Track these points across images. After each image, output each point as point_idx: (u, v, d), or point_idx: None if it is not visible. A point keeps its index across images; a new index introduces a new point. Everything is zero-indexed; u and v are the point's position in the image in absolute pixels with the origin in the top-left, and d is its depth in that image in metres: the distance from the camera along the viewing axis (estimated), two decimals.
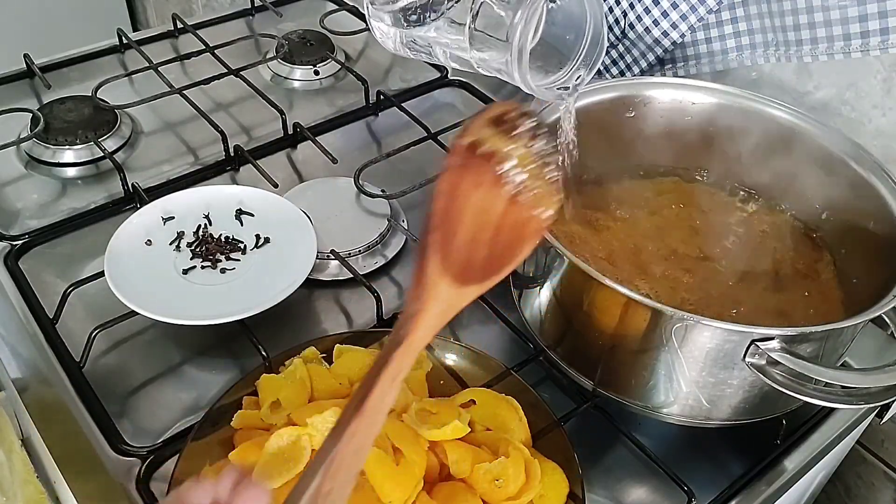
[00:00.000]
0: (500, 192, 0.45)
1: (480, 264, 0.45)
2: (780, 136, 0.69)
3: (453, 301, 0.44)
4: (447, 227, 0.44)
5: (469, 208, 0.45)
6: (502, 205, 0.45)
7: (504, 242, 0.45)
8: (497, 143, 0.46)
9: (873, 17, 0.67)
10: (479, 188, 0.45)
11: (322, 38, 1.03)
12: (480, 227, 0.45)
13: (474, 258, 0.45)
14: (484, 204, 0.45)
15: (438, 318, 0.43)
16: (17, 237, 0.77)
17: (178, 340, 0.69)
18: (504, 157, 0.45)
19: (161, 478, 0.59)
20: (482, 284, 0.45)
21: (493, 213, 0.45)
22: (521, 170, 0.46)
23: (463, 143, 0.45)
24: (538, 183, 0.46)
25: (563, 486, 0.55)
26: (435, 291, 0.43)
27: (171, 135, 0.91)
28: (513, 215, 0.46)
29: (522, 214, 0.46)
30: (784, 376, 0.52)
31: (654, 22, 0.78)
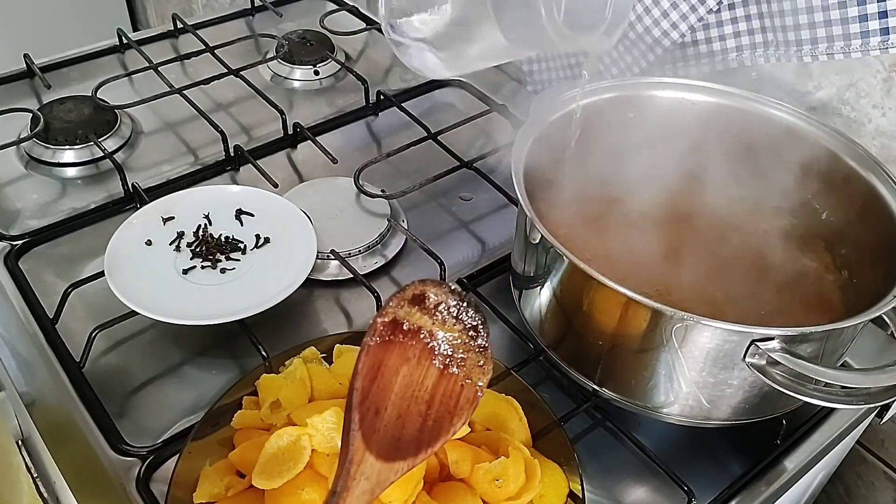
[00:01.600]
0: (430, 366, 0.47)
1: (412, 437, 0.46)
2: (780, 136, 0.69)
3: (383, 477, 0.44)
4: (372, 405, 0.45)
5: (397, 385, 0.46)
6: (433, 378, 0.47)
7: (436, 415, 0.46)
8: (422, 320, 0.47)
9: (873, 17, 0.67)
10: (407, 364, 0.46)
11: (322, 38, 1.03)
12: (410, 402, 0.46)
13: (405, 433, 0.45)
14: (413, 379, 0.46)
15: (366, 496, 0.44)
16: (17, 237, 0.77)
17: (178, 340, 0.69)
18: (432, 332, 0.47)
19: (161, 478, 0.59)
20: (415, 458, 0.45)
21: (424, 388, 0.46)
22: (450, 341, 0.47)
23: (385, 321, 0.46)
24: (468, 354, 0.47)
25: (563, 486, 0.55)
26: (361, 469, 0.44)
27: (171, 135, 0.91)
28: (444, 387, 0.47)
29: (454, 385, 0.47)
30: (784, 376, 0.52)
31: (654, 22, 0.78)
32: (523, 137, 0.64)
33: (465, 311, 0.48)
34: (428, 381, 0.47)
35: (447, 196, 0.85)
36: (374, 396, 0.45)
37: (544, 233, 0.56)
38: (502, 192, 0.81)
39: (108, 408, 0.64)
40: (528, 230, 0.61)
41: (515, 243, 0.67)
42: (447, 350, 0.48)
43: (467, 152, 0.87)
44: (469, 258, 0.79)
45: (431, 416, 0.46)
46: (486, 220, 0.83)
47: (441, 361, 0.47)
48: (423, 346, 0.47)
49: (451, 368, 0.47)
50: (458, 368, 0.48)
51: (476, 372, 0.48)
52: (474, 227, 0.82)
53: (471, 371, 0.48)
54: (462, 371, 0.47)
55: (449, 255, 0.75)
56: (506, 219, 0.83)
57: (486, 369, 0.48)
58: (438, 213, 0.84)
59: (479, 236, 0.81)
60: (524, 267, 0.65)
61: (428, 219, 0.82)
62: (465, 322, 0.48)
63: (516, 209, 0.68)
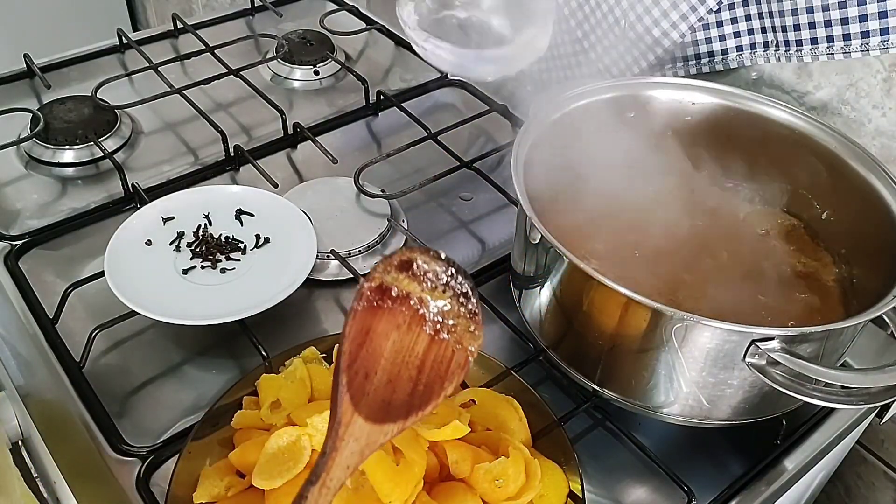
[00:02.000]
0: (420, 332, 0.47)
1: (402, 401, 0.46)
2: (780, 136, 0.69)
3: (372, 438, 0.45)
4: (361, 368, 0.45)
5: (387, 350, 0.46)
6: (423, 344, 0.47)
7: (427, 379, 0.47)
8: (411, 286, 0.47)
9: (873, 17, 0.67)
10: (397, 330, 0.47)
11: (322, 38, 1.03)
12: (401, 367, 0.46)
13: (395, 397, 0.46)
14: (403, 345, 0.47)
15: (356, 456, 0.44)
16: (17, 237, 0.77)
17: (178, 340, 0.69)
18: (422, 298, 0.47)
19: (161, 478, 0.59)
20: (405, 421, 0.46)
21: (414, 353, 0.47)
22: (440, 308, 0.48)
23: (372, 286, 0.47)
24: (458, 320, 0.48)
25: (563, 486, 0.55)
26: (350, 430, 0.44)
27: (171, 135, 0.91)
28: (434, 352, 0.47)
29: (445, 351, 0.47)
30: (784, 376, 0.52)
31: (654, 22, 0.78)
32: (523, 137, 0.64)
33: (453, 277, 0.48)
34: (419, 347, 0.47)
35: (447, 196, 0.85)
36: (363, 360, 0.46)
37: (544, 233, 0.56)
38: (502, 192, 0.81)
39: (108, 408, 0.64)
40: (528, 230, 0.61)
41: (515, 243, 0.67)
42: (437, 316, 0.48)
43: (467, 152, 0.87)
44: (469, 258, 0.79)
45: (422, 381, 0.46)
46: (486, 220, 0.83)
47: (431, 327, 0.47)
48: (414, 312, 0.47)
49: (442, 334, 0.47)
50: (448, 334, 0.48)
51: (467, 337, 0.48)
52: (474, 227, 0.82)
53: (461, 336, 0.48)
54: (453, 336, 0.48)
55: (449, 255, 0.75)
56: (506, 219, 0.83)
57: (476, 334, 0.48)
58: (438, 213, 0.84)
59: (479, 236, 0.81)
60: (524, 267, 0.65)
61: (428, 219, 0.82)
62: (455, 288, 0.48)
63: (516, 209, 0.68)
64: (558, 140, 0.68)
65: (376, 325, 0.47)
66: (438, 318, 0.48)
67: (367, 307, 0.47)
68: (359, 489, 0.51)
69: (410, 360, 0.47)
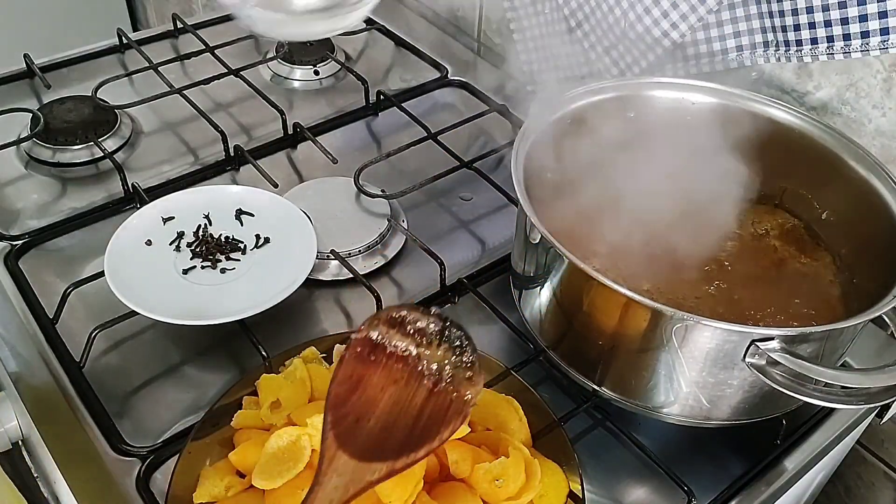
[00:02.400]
0: (419, 386, 0.49)
1: (396, 444, 0.47)
2: (780, 136, 0.69)
3: (358, 475, 0.46)
4: (352, 412, 0.48)
5: (384, 402, 0.48)
6: (422, 396, 0.49)
7: (424, 425, 0.48)
8: (404, 342, 0.50)
9: (873, 17, 0.67)
10: (395, 385, 0.49)
11: (322, 38, 1.03)
12: (398, 417, 0.48)
13: (389, 441, 0.47)
14: (401, 397, 0.49)
15: (339, 490, 0.45)
16: (17, 237, 0.77)
17: (178, 340, 0.69)
18: (419, 355, 0.50)
19: (161, 478, 0.59)
20: (395, 462, 0.47)
21: (413, 405, 0.49)
22: (438, 361, 0.50)
23: (359, 337, 0.49)
24: (456, 370, 0.50)
25: (563, 486, 0.55)
26: (333, 465, 0.46)
27: (171, 135, 0.91)
28: (433, 403, 0.49)
29: (443, 400, 0.49)
30: (784, 376, 0.52)
31: (654, 22, 0.78)
32: (523, 137, 0.64)
33: (447, 330, 0.51)
34: (417, 399, 0.49)
35: (447, 196, 0.85)
36: (353, 405, 0.48)
37: (544, 233, 0.56)
38: (502, 192, 0.81)
39: (108, 408, 0.64)
40: (528, 230, 0.61)
41: (515, 243, 0.67)
42: (434, 370, 0.50)
43: (467, 152, 0.87)
44: (469, 258, 0.79)
45: (419, 426, 0.48)
46: (486, 220, 0.83)
47: (430, 380, 0.49)
48: (412, 369, 0.49)
49: (440, 385, 0.49)
50: (446, 384, 0.49)
51: (465, 385, 0.49)
52: (474, 227, 0.82)
53: (459, 385, 0.49)
54: (451, 386, 0.49)
55: (449, 255, 0.75)
56: (506, 219, 0.83)
57: (475, 380, 0.50)
58: (438, 213, 0.84)
59: (479, 236, 0.81)
60: (524, 267, 0.65)
61: (428, 219, 0.82)
62: (451, 341, 0.50)
63: (516, 209, 0.68)
64: (558, 140, 0.68)
65: (371, 377, 0.49)
66: (435, 370, 0.50)
67: (357, 356, 0.49)
68: None
69: (409, 410, 0.48)
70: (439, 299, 0.73)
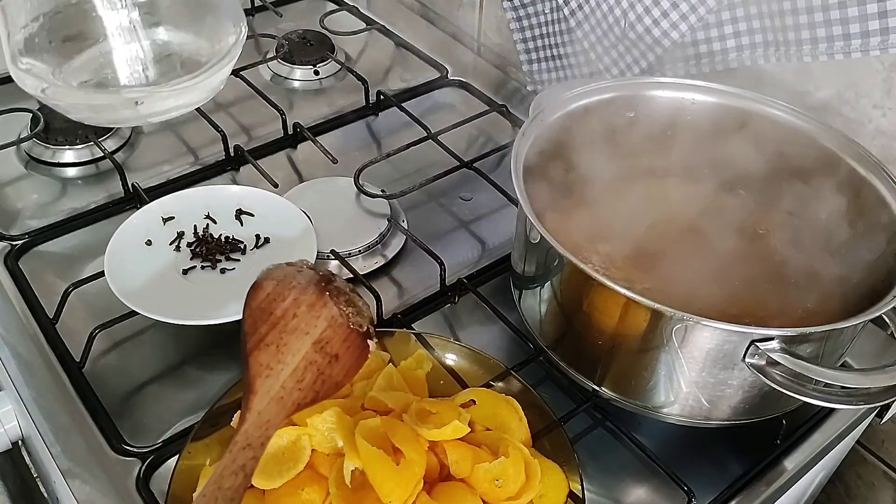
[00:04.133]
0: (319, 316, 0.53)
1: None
2: (780, 136, 0.69)
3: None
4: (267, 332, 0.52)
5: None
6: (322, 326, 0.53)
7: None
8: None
9: (873, 17, 0.67)
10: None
11: (322, 38, 1.03)
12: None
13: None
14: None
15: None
16: (17, 237, 0.77)
17: (178, 340, 0.69)
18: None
19: (161, 478, 0.59)
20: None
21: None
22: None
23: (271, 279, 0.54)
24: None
25: (563, 486, 0.55)
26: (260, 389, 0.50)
27: (171, 135, 0.91)
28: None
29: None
30: (784, 377, 0.52)
31: (654, 22, 0.78)
32: (523, 137, 0.64)
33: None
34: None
35: (447, 196, 0.85)
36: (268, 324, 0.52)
37: (544, 233, 0.56)
38: (502, 192, 0.81)
39: (108, 408, 0.64)
40: (528, 230, 0.61)
41: (515, 243, 0.67)
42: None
43: (467, 152, 0.87)
44: (469, 258, 0.79)
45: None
46: (486, 220, 0.83)
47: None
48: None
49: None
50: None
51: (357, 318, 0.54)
52: (474, 227, 0.82)
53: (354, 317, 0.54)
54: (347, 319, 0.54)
55: (449, 255, 0.75)
56: (506, 219, 0.83)
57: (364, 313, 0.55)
58: (438, 213, 0.84)
59: (479, 236, 0.81)
60: (524, 267, 0.65)
61: (428, 219, 0.82)
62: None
63: (516, 209, 0.68)
64: (558, 140, 0.68)
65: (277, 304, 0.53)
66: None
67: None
68: (359, 489, 0.51)
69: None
70: (439, 299, 0.73)
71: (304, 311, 0.52)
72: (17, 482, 0.89)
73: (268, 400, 0.49)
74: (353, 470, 0.52)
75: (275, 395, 0.49)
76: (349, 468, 0.52)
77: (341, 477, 0.52)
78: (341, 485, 0.51)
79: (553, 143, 0.67)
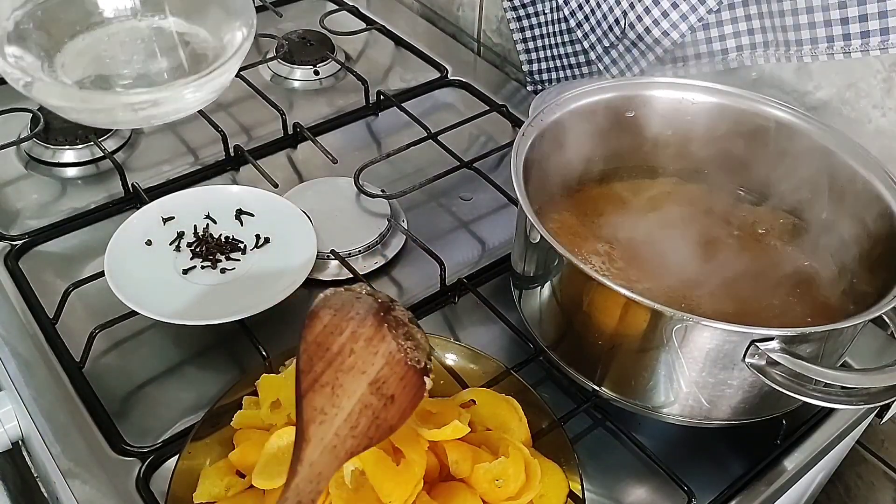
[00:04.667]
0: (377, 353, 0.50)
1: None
2: (780, 136, 0.69)
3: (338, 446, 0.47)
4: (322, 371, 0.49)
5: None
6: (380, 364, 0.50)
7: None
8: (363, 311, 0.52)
9: (873, 17, 0.67)
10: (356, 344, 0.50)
11: (322, 38, 1.03)
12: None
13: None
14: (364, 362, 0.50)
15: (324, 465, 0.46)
16: (17, 237, 0.77)
17: (178, 340, 0.69)
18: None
19: (161, 478, 0.59)
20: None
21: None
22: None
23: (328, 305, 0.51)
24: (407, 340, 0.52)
25: (563, 486, 0.55)
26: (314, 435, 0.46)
27: (171, 135, 0.91)
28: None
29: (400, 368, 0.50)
30: (784, 377, 0.52)
31: (654, 22, 0.78)
32: (523, 137, 0.64)
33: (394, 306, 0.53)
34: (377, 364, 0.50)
35: (447, 196, 0.85)
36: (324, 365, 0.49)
37: (544, 233, 0.56)
38: (502, 192, 0.81)
39: (108, 408, 0.64)
40: (528, 230, 0.61)
41: (515, 243, 0.67)
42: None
43: (467, 152, 0.87)
44: (469, 258, 0.79)
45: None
46: (486, 220, 0.83)
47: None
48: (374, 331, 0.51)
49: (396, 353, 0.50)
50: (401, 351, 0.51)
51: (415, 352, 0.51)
52: (474, 227, 0.82)
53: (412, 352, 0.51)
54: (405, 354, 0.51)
55: (449, 255, 0.75)
56: (506, 219, 0.83)
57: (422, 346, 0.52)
58: (438, 213, 0.84)
59: (479, 236, 0.81)
60: (524, 267, 0.65)
61: (428, 219, 0.82)
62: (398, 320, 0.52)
63: (516, 209, 0.68)
64: (558, 140, 0.68)
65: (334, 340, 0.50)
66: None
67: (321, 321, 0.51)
68: (359, 489, 0.51)
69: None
70: (439, 299, 0.73)
71: (362, 347, 0.48)
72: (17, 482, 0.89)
73: (321, 449, 0.45)
74: (352, 470, 0.52)
75: (328, 444, 0.45)
76: (349, 468, 0.51)
77: (341, 477, 0.52)
78: (341, 485, 0.51)
79: (553, 144, 0.67)
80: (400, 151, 0.85)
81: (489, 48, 1.09)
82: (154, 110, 0.65)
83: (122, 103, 0.66)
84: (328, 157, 0.83)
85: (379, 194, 0.80)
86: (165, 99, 0.65)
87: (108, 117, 0.67)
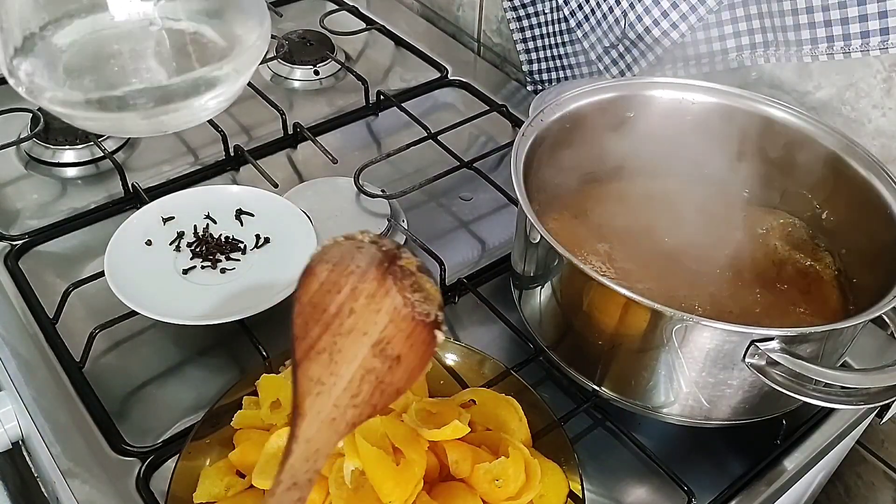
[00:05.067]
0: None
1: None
2: (780, 136, 0.69)
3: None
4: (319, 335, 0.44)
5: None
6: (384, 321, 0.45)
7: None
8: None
9: (873, 17, 0.67)
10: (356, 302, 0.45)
11: (322, 38, 1.03)
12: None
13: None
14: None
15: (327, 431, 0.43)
16: (17, 237, 0.77)
17: (178, 340, 0.69)
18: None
19: (161, 478, 0.59)
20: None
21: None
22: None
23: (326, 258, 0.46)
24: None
25: (563, 486, 0.55)
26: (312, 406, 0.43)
27: (171, 135, 0.91)
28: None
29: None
30: (784, 377, 0.52)
31: (654, 22, 0.78)
32: (523, 137, 0.64)
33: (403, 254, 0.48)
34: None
35: (447, 196, 0.85)
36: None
37: (544, 233, 0.56)
38: (502, 192, 0.81)
39: (108, 408, 0.64)
40: (528, 230, 0.61)
41: (515, 243, 0.67)
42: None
43: (467, 152, 0.87)
44: (469, 258, 0.79)
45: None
46: (486, 220, 0.83)
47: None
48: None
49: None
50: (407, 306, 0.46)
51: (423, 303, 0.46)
52: (474, 227, 0.82)
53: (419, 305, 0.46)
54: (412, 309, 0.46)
55: (449, 255, 0.75)
56: (506, 219, 0.83)
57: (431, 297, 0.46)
58: (438, 213, 0.84)
59: (479, 236, 0.81)
60: (524, 267, 0.65)
61: (428, 219, 0.82)
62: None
63: (516, 209, 0.68)
64: (558, 140, 0.68)
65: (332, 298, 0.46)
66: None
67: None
68: (359, 489, 0.51)
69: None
70: None
71: (363, 305, 0.43)
72: (17, 482, 0.89)
73: (318, 424, 0.41)
74: (352, 470, 0.52)
75: (326, 418, 0.41)
76: (349, 468, 0.51)
77: (341, 477, 0.52)
78: (341, 485, 0.51)
79: (553, 144, 0.67)
80: (400, 151, 0.85)
81: (489, 48, 1.09)
82: (165, 118, 0.63)
83: (136, 117, 0.64)
84: (328, 157, 0.83)
85: (379, 194, 0.80)
86: (178, 108, 0.64)
87: (118, 126, 0.66)
